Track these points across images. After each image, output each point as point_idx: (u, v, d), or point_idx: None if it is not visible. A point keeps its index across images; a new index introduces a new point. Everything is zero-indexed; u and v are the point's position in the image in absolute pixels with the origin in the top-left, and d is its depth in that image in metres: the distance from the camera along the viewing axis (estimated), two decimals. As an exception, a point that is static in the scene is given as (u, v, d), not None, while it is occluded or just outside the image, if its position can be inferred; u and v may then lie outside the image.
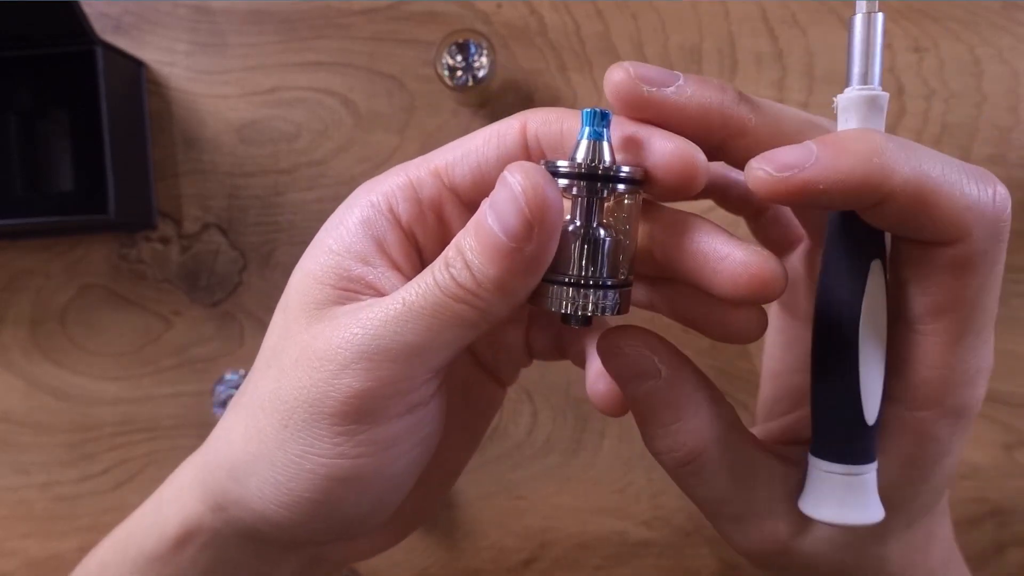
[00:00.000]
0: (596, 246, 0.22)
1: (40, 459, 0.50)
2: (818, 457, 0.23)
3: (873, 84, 0.22)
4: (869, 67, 0.22)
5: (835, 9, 0.46)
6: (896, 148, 0.20)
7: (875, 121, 0.22)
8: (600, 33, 0.46)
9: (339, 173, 0.47)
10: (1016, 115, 0.46)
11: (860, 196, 0.20)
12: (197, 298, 0.48)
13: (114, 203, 0.43)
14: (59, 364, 0.49)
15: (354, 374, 0.22)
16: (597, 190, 0.21)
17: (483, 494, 0.49)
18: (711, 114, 0.22)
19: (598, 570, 0.49)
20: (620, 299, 0.22)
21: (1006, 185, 0.20)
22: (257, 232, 0.48)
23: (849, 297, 0.22)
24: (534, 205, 0.20)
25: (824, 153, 0.20)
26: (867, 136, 0.20)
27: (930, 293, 0.21)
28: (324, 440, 0.23)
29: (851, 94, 0.22)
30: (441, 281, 0.21)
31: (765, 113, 0.22)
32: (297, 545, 0.28)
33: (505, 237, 0.20)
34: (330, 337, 0.22)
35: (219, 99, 0.48)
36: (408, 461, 0.24)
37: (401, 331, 0.22)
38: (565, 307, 0.22)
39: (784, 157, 0.20)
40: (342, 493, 0.24)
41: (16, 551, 0.50)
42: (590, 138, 0.21)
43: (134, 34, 0.47)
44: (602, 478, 0.49)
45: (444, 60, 0.43)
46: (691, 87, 0.22)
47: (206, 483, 0.26)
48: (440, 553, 0.49)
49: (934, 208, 0.19)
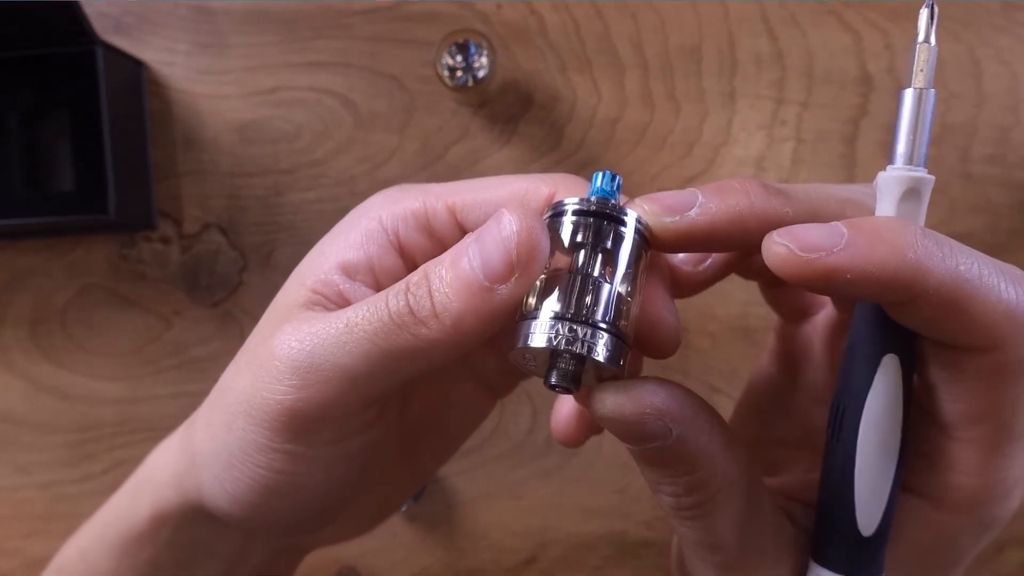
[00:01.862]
0: (595, 289, 0.20)
1: (40, 459, 0.50)
2: (816, 563, 0.21)
3: (919, 165, 0.20)
4: (916, 147, 0.20)
5: (835, 10, 0.46)
6: (933, 245, 0.18)
7: (915, 207, 0.20)
8: (600, 33, 0.46)
9: (339, 173, 0.47)
10: (1016, 115, 0.46)
11: (889, 292, 0.18)
12: (197, 298, 0.48)
13: (114, 203, 0.43)
14: (59, 364, 0.49)
15: (286, 389, 0.21)
16: (602, 232, 0.20)
17: (483, 494, 0.49)
18: (746, 220, 0.20)
19: (598, 570, 0.49)
20: (614, 349, 0.20)
21: (1006, 185, 0.20)
22: (257, 232, 0.48)
23: (854, 392, 0.20)
24: (524, 248, 0.19)
25: (855, 239, 0.18)
26: (903, 228, 0.18)
27: (962, 400, 0.19)
28: (260, 451, 0.22)
29: (893, 173, 0.20)
30: (393, 306, 0.20)
31: (799, 200, 0.21)
32: (259, 533, 0.28)
33: (483, 274, 0.19)
34: (273, 345, 0.22)
35: (219, 99, 0.48)
36: (345, 483, 0.24)
37: (336, 352, 0.21)
38: (552, 342, 0.19)
39: (810, 236, 0.18)
40: (278, 503, 0.24)
41: (16, 551, 0.50)
42: (598, 194, 0.21)
43: (134, 34, 0.47)
44: (602, 478, 0.49)
45: (444, 60, 0.44)
46: (713, 201, 0.20)
47: (179, 466, 0.26)
48: (440, 553, 0.50)
49: (968, 314, 0.18)
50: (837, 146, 0.47)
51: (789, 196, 0.20)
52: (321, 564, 0.49)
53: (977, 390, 0.19)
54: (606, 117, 0.47)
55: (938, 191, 0.47)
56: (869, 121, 0.47)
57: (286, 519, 0.25)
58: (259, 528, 0.26)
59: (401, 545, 0.50)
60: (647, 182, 0.47)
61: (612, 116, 0.47)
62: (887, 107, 0.46)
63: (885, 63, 0.46)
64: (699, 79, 0.47)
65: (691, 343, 0.48)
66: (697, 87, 0.47)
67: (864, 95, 0.46)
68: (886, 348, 0.20)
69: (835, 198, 0.21)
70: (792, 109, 0.47)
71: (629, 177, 0.47)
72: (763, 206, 0.20)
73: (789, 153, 0.47)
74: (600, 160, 0.47)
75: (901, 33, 0.46)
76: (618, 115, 0.47)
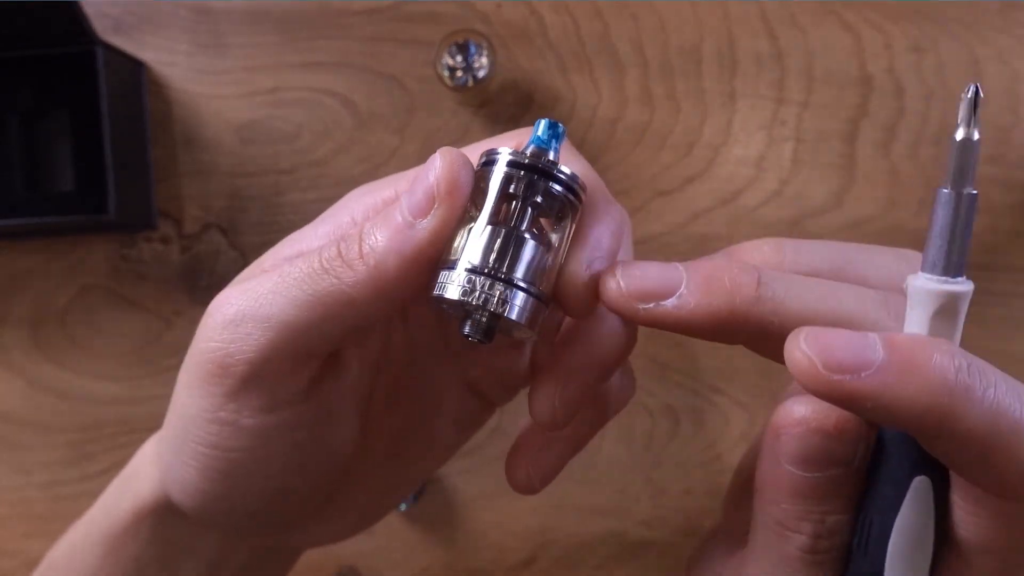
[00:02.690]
0: (518, 244, 0.20)
1: (41, 459, 0.50)
2: None
3: (957, 276, 0.18)
4: (956, 255, 0.18)
5: (835, 10, 0.46)
6: (972, 380, 0.16)
7: (951, 324, 0.18)
8: (600, 33, 0.46)
9: (339, 173, 0.47)
10: (1016, 115, 0.46)
11: (918, 427, 0.17)
12: (197, 298, 0.48)
13: (114, 203, 0.44)
14: (60, 364, 0.49)
15: (216, 345, 0.22)
16: (533, 186, 0.20)
17: (483, 494, 0.49)
18: (725, 324, 0.19)
19: (598, 570, 0.49)
20: (530, 309, 0.19)
21: (1006, 185, 0.20)
22: (257, 232, 0.48)
23: (883, 509, 0.19)
24: (444, 180, 0.19)
25: (891, 363, 0.16)
26: (939, 357, 0.16)
27: (982, 535, 0.18)
28: (197, 425, 0.23)
29: (928, 285, 0.18)
30: (325, 255, 0.20)
31: (790, 310, 0.19)
32: (230, 530, 0.28)
33: (408, 211, 0.19)
34: (211, 307, 0.22)
35: (219, 99, 0.48)
36: (284, 464, 0.24)
37: (265, 304, 0.21)
38: (466, 295, 0.19)
39: (839, 352, 0.17)
40: (226, 490, 0.23)
41: (17, 551, 0.50)
42: (536, 144, 0.20)
43: (134, 34, 0.47)
44: (602, 478, 0.49)
45: (444, 60, 0.44)
46: (694, 297, 0.19)
47: (155, 462, 0.27)
48: (440, 553, 0.50)
49: (1000, 464, 0.16)
50: (837, 146, 0.47)
51: (779, 301, 0.19)
52: (321, 564, 0.49)
53: (1001, 529, 0.18)
54: (606, 117, 0.47)
55: (938, 191, 0.47)
56: (869, 121, 0.47)
57: (242, 511, 0.25)
58: (221, 523, 0.26)
59: (401, 545, 0.50)
60: (647, 182, 0.47)
61: (612, 116, 0.47)
62: (887, 107, 0.46)
63: (885, 63, 0.46)
64: (699, 79, 0.47)
65: (692, 342, 0.48)
66: (697, 87, 0.47)
67: (864, 95, 0.46)
68: (917, 470, 0.18)
69: (837, 311, 0.19)
70: (792, 109, 0.47)
71: (629, 177, 0.47)
72: (746, 312, 0.19)
73: (789, 153, 0.47)
74: (600, 160, 0.47)
75: (901, 33, 0.46)
76: (618, 115, 0.47)
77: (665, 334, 0.23)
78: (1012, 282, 0.46)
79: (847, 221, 0.47)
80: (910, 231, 0.47)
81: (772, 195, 0.47)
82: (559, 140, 0.21)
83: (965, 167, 0.17)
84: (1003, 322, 0.46)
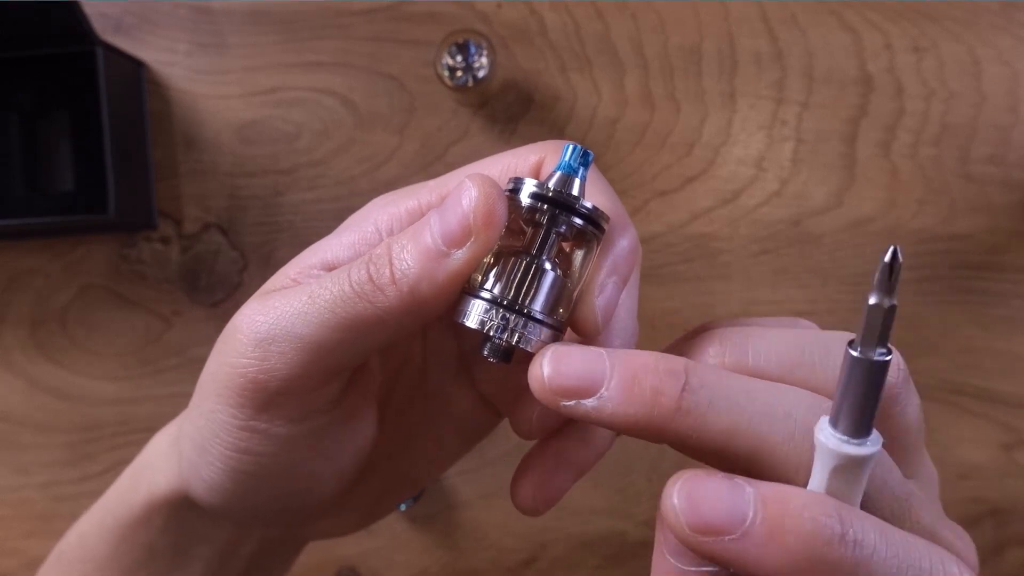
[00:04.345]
0: (538, 276, 0.20)
1: (41, 459, 0.50)
2: None
3: (863, 439, 0.17)
4: (863, 419, 0.17)
5: (835, 10, 0.46)
6: (844, 549, 0.16)
7: (851, 483, 0.17)
8: (600, 33, 0.46)
9: (339, 173, 0.47)
10: (1016, 115, 0.46)
11: None
12: (197, 298, 0.48)
13: (114, 203, 0.43)
14: (59, 364, 0.49)
15: (248, 361, 0.21)
16: (556, 219, 0.20)
17: (483, 494, 0.49)
18: (641, 433, 0.19)
19: (598, 570, 0.49)
20: (546, 339, 0.20)
21: (1006, 185, 0.20)
22: (257, 232, 0.48)
23: None
24: (480, 213, 0.19)
25: (756, 531, 0.16)
26: (816, 524, 0.16)
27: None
28: (226, 430, 0.23)
29: (831, 443, 0.17)
30: (354, 276, 0.20)
31: (708, 427, 0.18)
32: (245, 523, 0.28)
33: (441, 239, 0.19)
34: (238, 321, 0.22)
35: (219, 99, 0.48)
36: (309, 465, 0.24)
37: (297, 323, 0.21)
38: (485, 325, 0.20)
39: (708, 515, 0.17)
40: (250, 490, 0.24)
41: (17, 551, 0.50)
42: (563, 170, 0.21)
43: (134, 34, 0.47)
44: (602, 478, 0.49)
45: (444, 60, 0.44)
46: (613, 402, 0.18)
47: (170, 454, 0.27)
48: (440, 553, 0.50)
49: None
50: (837, 146, 0.47)
51: (704, 413, 0.18)
52: (321, 564, 0.49)
53: None
54: (606, 117, 0.47)
55: (938, 191, 0.47)
56: (869, 121, 0.47)
57: (264, 508, 0.25)
58: (240, 518, 0.26)
59: (401, 545, 0.50)
60: (647, 182, 0.47)
61: (612, 116, 0.47)
62: (887, 107, 0.46)
63: (885, 63, 0.46)
64: (699, 79, 0.47)
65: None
66: (697, 87, 0.47)
67: (864, 95, 0.46)
68: None
69: (756, 433, 0.18)
70: (792, 109, 0.47)
71: (629, 177, 0.47)
72: (662, 426, 0.18)
73: (789, 153, 0.47)
74: (600, 160, 0.47)
75: (901, 33, 0.46)
76: (618, 115, 0.47)
77: (666, 334, 0.23)
78: (1012, 282, 0.46)
79: (847, 221, 0.47)
80: (910, 231, 0.47)
81: (772, 195, 0.47)
82: (587, 168, 0.21)
83: (877, 331, 0.16)
84: (1003, 322, 0.46)
